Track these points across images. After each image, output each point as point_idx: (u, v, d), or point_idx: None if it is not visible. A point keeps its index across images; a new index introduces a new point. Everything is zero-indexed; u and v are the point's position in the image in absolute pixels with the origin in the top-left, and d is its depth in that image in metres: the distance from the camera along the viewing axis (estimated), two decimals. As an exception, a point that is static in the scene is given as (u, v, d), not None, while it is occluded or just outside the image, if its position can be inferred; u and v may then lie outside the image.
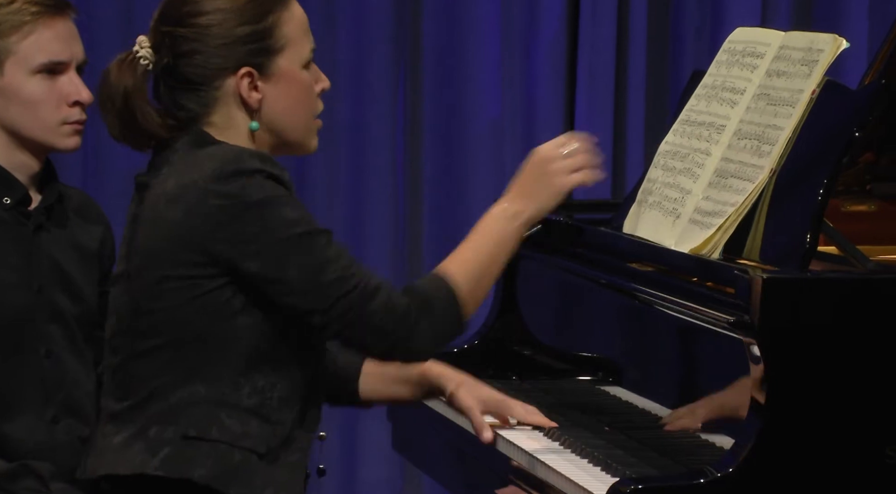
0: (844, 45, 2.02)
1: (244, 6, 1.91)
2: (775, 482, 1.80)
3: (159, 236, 1.89)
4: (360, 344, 1.89)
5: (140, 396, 1.91)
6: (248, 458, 1.88)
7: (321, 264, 1.85)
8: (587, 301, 2.27)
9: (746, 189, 2.01)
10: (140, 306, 1.91)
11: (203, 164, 1.88)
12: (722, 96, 2.15)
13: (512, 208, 1.97)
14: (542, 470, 1.98)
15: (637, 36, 3.32)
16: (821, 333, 1.82)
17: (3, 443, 2.13)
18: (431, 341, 1.89)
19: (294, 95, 1.94)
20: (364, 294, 1.85)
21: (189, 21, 1.91)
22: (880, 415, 1.81)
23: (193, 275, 1.87)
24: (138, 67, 1.93)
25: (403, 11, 3.31)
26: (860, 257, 1.98)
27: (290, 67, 1.94)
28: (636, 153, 3.35)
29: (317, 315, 1.86)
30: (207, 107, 1.93)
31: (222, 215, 1.86)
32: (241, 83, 1.92)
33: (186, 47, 1.91)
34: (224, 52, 1.91)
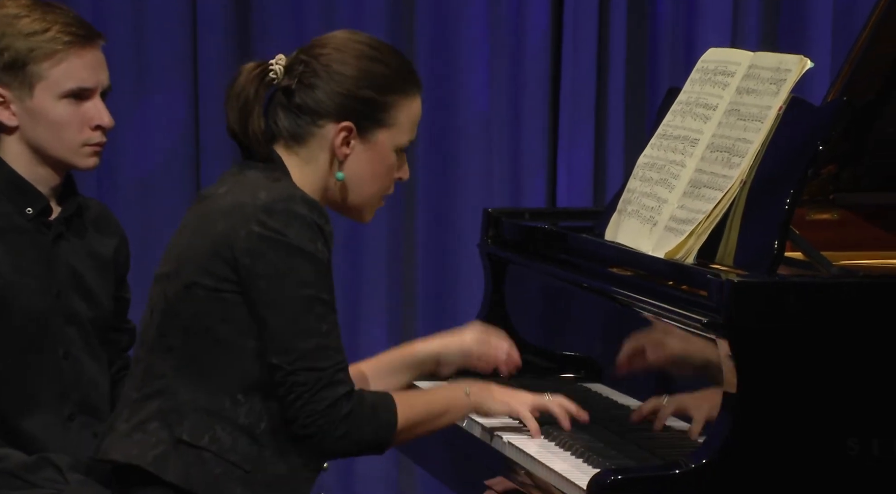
0: (809, 65, 2.03)
1: (376, 75, 1.95)
2: (746, 472, 1.81)
3: (200, 244, 1.91)
4: (292, 415, 1.87)
5: (152, 389, 1.93)
6: (230, 471, 1.88)
7: (307, 331, 1.86)
8: (570, 304, 2.28)
9: (718, 198, 2.02)
10: (168, 307, 1.92)
11: (259, 192, 1.90)
12: (696, 112, 2.16)
13: (478, 399, 2.00)
14: (527, 462, 1.99)
15: (616, 55, 3.33)
16: (788, 333, 1.82)
17: (23, 438, 2.13)
18: (342, 451, 1.90)
19: (376, 167, 1.97)
20: (325, 380, 1.86)
21: (326, 61, 1.94)
22: (843, 410, 1.82)
23: (219, 288, 1.88)
24: (266, 78, 1.95)
25: (397, 13, 3.31)
26: (824, 262, 1.99)
27: (385, 144, 1.96)
28: (616, 165, 3.36)
29: (279, 372, 1.87)
30: (300, 137, 1.96)
31: (258, 242, 1.87)
32: (339, 134, 1.95)
33: (312, 80, 1.94)
34: (339, 101, 1.94)
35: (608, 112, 3.36)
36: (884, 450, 1.81)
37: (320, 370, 1.86)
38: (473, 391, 2.00)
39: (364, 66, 1.94)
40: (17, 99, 2.15)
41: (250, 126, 1.94)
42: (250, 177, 1.94)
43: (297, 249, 1.86)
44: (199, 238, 1.92)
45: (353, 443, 1.89)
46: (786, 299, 1.83)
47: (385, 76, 1.95)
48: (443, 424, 1.98)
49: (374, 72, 1.94)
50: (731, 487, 1.80)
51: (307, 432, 1.87)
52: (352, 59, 1.94)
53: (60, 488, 2.10)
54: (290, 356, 1.86)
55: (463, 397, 1.99)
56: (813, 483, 1.81)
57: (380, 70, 1.95)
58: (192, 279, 1.90)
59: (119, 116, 2.30)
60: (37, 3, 2.16)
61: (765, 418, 1.81)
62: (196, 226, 1.94)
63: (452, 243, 3.39)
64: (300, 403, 1.87)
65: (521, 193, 3.39)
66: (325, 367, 1.86)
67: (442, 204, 3.39)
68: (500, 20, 3.30)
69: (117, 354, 2.29)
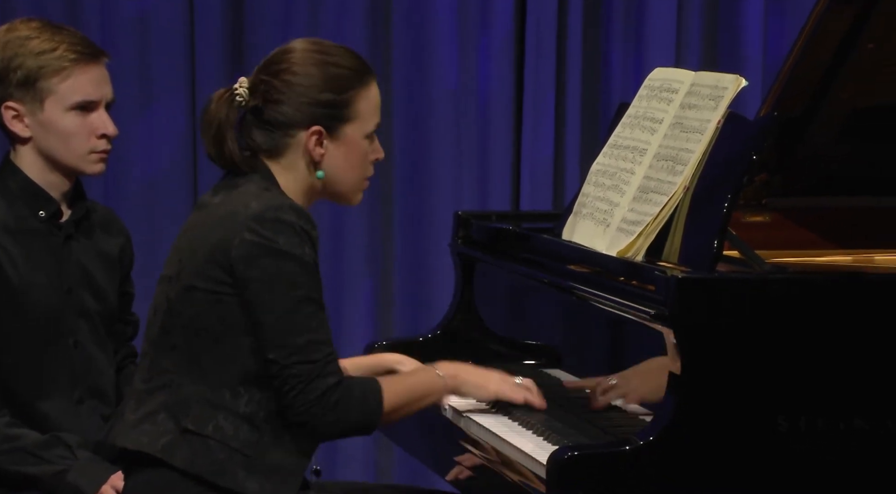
0: (744, 83, 2.04)
1: (331, 77, 1.94)
2: (688, 447, 1.82)
3: (198, 250, 1.91)
4: (288, 404, 1.88)
5: (158, 382, 1.93)
6: (233, 456, 1.88)
7: (299, 327, 1.86)
8: (532, 297, 2.28)
9: (664, 202, 2.03)
10: (170, 307, 1.92)
11: (251, 202, 1.90)
12: (643, 125, 2.17)
13: (453, 382, 2.00)
14: (493, 440, 2.00)
15: (573, 75, 3.36)
16: (726, 323, 1.83)
17: (38, 419, 2.13)
18: (334, 433, 1.91)
19: (351, 159, 1.96)
20: (316, 371, 1.86)
21: (284, 77, 1.94)
22: (773, 391, 1.83)
23: (217, 291, 1.89)
24: (234, 102, 1.95)
25: (377, 15, 3.32)
26: (758, 260, 2.00)
27: (354, 136, 1.96)
28: (573, 172, 3.37)
29: (274, 366, 1.87)
30: (278, 149, 1.95)
31: (250, 248, 1.87)
32: (311, 138, 1.94)
33: (276, 96, 1.94)
34: (304, 110, 1.93)
35: (566, 125, 3.38)
36: (809, 426, 1.83)
37: (312, 362, 1.86)
38: (448, 374, 2.00)
39: (319, 72, 1.93)
40: (29, 112, 2.15)
41: (225, 149, 1.94)
42: (242, 187, 1.94)
43: (286, 254, 1.87)
44: (197, 245, 1.92)
45: (344, 427, 1.89)
46: (724, 293, 1.84)
47: (340, 76, 1.94)
48: (423, 406, 1.99)
49: (330, 74, 1.94)
50: (675, 460, 1.81)
51: (302, 418, 1.88)
52: (307, 69, 1.93)
53: (70, 464, 2.10)
54: (285, 351, 1.86)
55: (439, 382, 1.99)
56: (747, 455, 1.82)
57: (334, 72, 1.94)
58: (191, 283, 1.90)
59: (123, 126, 2.30)
60: (46, 25, 2.16)
61: (705, 399, 1.82)
62: (194, 233, 1.94)
63: (426, 243, 3.39)
64: (294, 393, 1.87)
65: (488, 197, 3.40)
66: (316, 359, 1.86)
67: (416, 208, 3.39)
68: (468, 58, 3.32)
69: (122, 343, 2.29)
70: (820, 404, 1.83)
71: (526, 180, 3.39)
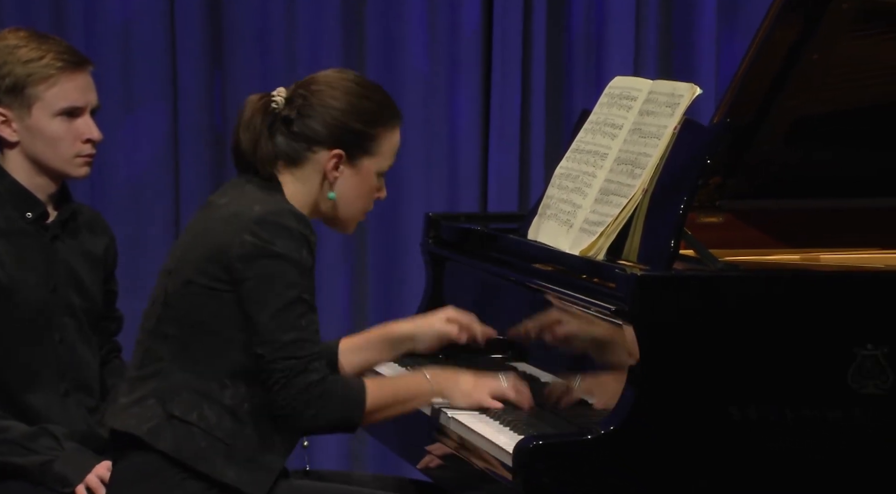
0: (699, 91, 2.06)
1: (364, 109, 1.97)
2: (647, 435, 1.83)
3: (200, 247, 1.92)
4: (272, 397, 1.89)
5: (150, 370, 1.94)
6: (214, 445, 1.89)
7: (287, 325, 1.87)
8: (499, 294, 2.29)
9: (623, 204, 2.04)
10: (168, 300, 1.93)
11: (255, 205, 1.91)
12: (604, 130, 2.18)
13: (438, 386, 2.00)
14: (462, 430, 2.00)
15: (537, 84, 3.38)
16: (682, 318, 1.85)
17: (26, 412, 2.13)
18: (314, 428, 1.91)
19: (361, 189, 1.99)
20: (300, 367, 1.87)
21: (322, 97, 1.96)
22: (726, 382, 1.84)
23: (213, 287, 1.90)
24: (269, 108, 1.96)
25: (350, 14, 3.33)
26: (712, 258, 2.01)
27: (370, 169, 1.98)
28: (538, 175, 3.39)
29: (262, 360, 1.88)
30: (296, 160, 1.97)
31: (251, 249, 1.88)
32: (331, 160, 1.96)
33: (309, 112, 1.95)
34: (332, 131, 1.96)
35: (531, 131, 3.40)
36: (760, 415, 1.84)
37: (297, 358, 1.87)
38: (435, 380, 2.00)
39: (354, 101, 1.97)
40: (17, 118, 2.14)
41: (259, 150, 1.96)
42: (248, 191, 1.95)
43: (283, 256, 1.88)
44: (199, 242, 1.93)
45: (325, 422, 1.90)
46: (681, 290, 1.86)
47: (372, 111, 1.97)
48: (408, 409, 1.99)
49: (363, 106, 1.97)
50: (634, 448, 1.83)
51: (284, 412, 1.89)
52: (343, 95, 1.96)
53: (57, 454, 2.10)
54: (272, 346, 1.88)
55: (426, 387, 1.99)
56: (701, 443, 1.83)
57: (367, 105, 1.97)
58: (189, 278, 1.91)
59: (107, 131, 2.29)
60: (33, 34, 2.16)
61: (663, 390, 1.83)
62: (198, 231, 1.95)
63: (398, 243, 3.40)
64: (278, 387, 1.88)
65: (457, 199, 3.41)
66: (301, 356, 1.87)
67: (389, 210, 3.40)
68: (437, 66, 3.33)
69: (106, 339, 2.28)
70: (769, 394, 1.84)
71: (493, 183, 3.41)
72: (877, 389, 1.84)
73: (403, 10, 3.32)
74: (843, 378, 1.84)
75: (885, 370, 1.84)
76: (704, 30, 3.37)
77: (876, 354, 1.84)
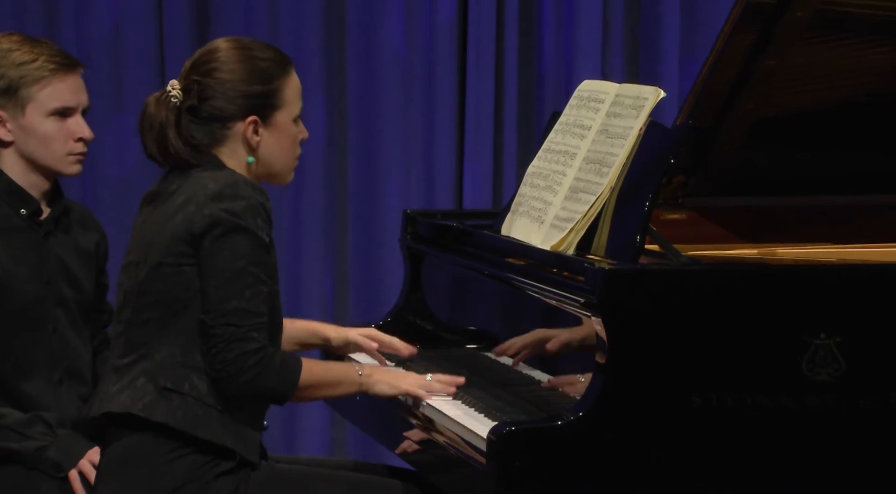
0: (663, 94, 2.07)
1: (257, 70, 1.95)
2: (613, 421, 1.84)
3: (163, 233, 1.92)
4: (211, 360, 1.89)
5: (135, 356, 1.94)
6: (209, 412, 1.90)
7: (231, 295, 1.88)
8: (474, 287, 2.30)
9: (592, 201, 2.05)
10: (141, 288, 1.93)
11: (209, 184, 1.91)
12: (574, 131, 2.19)
13: (367, 380, 2.00)
14: (438, 416, 2.01)
15: (510, 87, 3.39)
16: (647, 310, 1.86)
17: (21, 399, 2.13)
18: (247, 393, 1.90)
19: (284, 142, 1.98)
20: (238, 335, 1.87)
21: (215, 75, 1.94)
22: (688, 371, 1.86)
23: (180, 263, 1.90)
24: (170, 103, 1.94)
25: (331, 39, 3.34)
26: (675, 253, 2.03)
27: (284, 121, 1.98)
28: (511, 174, 3.40)
29: (205, 326, 1.89)
30: (218, 141, 1.96)
31: (210, 221, 1.89)
32: (248, 128, 1.95)
33: (209, 94, 1.94)
34: (238, 102, 1.95)
35: (504, 132, 3.42)
36: (720, 402, 1.86)
37: (236, 326, 1.87)
38: (365, 373, 2.01)
39: (246, 67, 1.95)
40: (11, 118, 2.14)
41: (169, 147, 1.95)
42: (197, 174, 1.94)
43: (240, 227, 1.88)
44: (160, 229, 1.93)
45: (257, 389, 1.90)
46: (646, 282, 1.87)
47: (265, 68, 1.96)
48: (335, 394, 2.00)
49: (255, 68, 1.95)
50: (601, 432, 1.84)
51: (219, 375, 1.89)
52: (235, 65, 1.95)
53: (50, 440, 2.10)
54: (213, 313, 1.88)
55: (355, 376, 2.00)
56: (665, 428, 1.85)
57: (259, 65, 1.95)
58: (158, 260, 1.92)
59: (98, 131, 2.29)
60: (26, 39, 2.16)
61: (628, 378, 1.85)
62: (156, 221, 1.95)
63: (378, 239, 3.41)
64: (215, 351, 1.89)
65: (434, 197, 3.42)
66: (240, 325, 1.87)
67: (369, 207, 3.41)
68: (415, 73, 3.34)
69: (98, 330, 2.28)
70: (728, 381, 1.86)
71: (468, 182, 3.43)
72: (829, 376, 1.87)
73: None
74: (798, 367, 1.86)
75: (837, 358, 1.86)
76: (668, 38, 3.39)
77: (828, 343, 1.86)
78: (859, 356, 1.86)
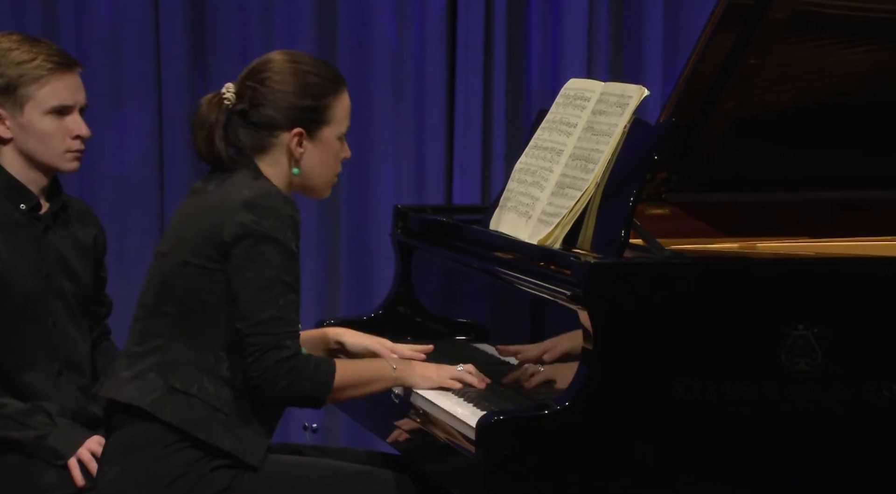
0: (646, 92, 2.07)
1: (311, 85, 1.97)
2: (598, 411, 1.85)
3: (194, 232, 1.93)
4: (247, 368, 1.90)
5: (150, 346, 1.94)
6: (215, 415, 1.91)
7: (265, 303, 1.89)
8: (463, 280, 2.30)
9: (578, 197, 2.05)
10: (165, 281, 1.94)
11: (243, 190, 1.93)
12: (560, 128, 2.19)
13: (400, 373, 2.01)
14: (428, 406, 2.02)
15: (498, 85, 3.40)
16: (631, 302, 1.86)
17: (21, 390, 2.13)
18: (283, 400, 1.92)
19: (326, 157, 2.00)
20: (273, 343, 1.88)
21: (269, 84, 1.96)
22: (671, 362, 1.86)
23: (207, 266, 1.91)
24: (222, 105, 1.96)
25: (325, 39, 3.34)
26: (659, 247, 2.03)
27: (330, 137, 1.99)
28: (499, 170, 3.41)
29: (240, 334, 1.90)
30: (262, 148, 1.98)
31: (240, 230, 1.90)
32: (293, 139, 1.97)
33: (261, 101, 1.96)
34: (287, 114, 1.96)
35: (492, 129, 3.43)
36: (702, 392, 1.87)
37: (271, 335, 1.88)
38: (399, 367, 2.02)
39: (300, 80, 1.97)
40: (11, 116, 2.14)
41: (215, 147, 1.96)
42: (235, 178, 1.96)
43: (270, 237, 1.90)
44: (192, 226, 1.95)
45: (294, 395, 1.91)
46: (631, 276, 1.87)
47: (318, 85, 1.98)
48: (371, 391, 2.01)
49: (309, 83, 1.97)
50: (587, 422, 1.85)
51: (256, 383, 1.91)
52: (289, 78, 1.96)
53: (50, 429, 2.10)
54: (249, 322, 1.89)
55: (390, 371, 2.01)
56: (649, 417, 1.86)
57: (313, 80, 1.97)
58: (185, 259, 1.92)
59: (96, 128, 2.30)
60: (25, 38, 2.16)
61: (613, 369, 1.85)
62: (190, 216, 1.96)
63: (369, 234, 3.42)
64: (251, 359, 1.90)
65: (424, 192, 3.43)
66: (275, 333, 1.89)
67: (361, 202, 3.42)
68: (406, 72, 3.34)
69: (97, 322, 2.29)
70: (710, 371, 1.87)
71: (458, 178, 3.44)
72: (807, 366, 1.88)
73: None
74: (777, 356, 1.87)
75: (815, 348, 1.88)
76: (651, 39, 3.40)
77: (806, 334, 1.88)
78: (835, 346, 1.88)
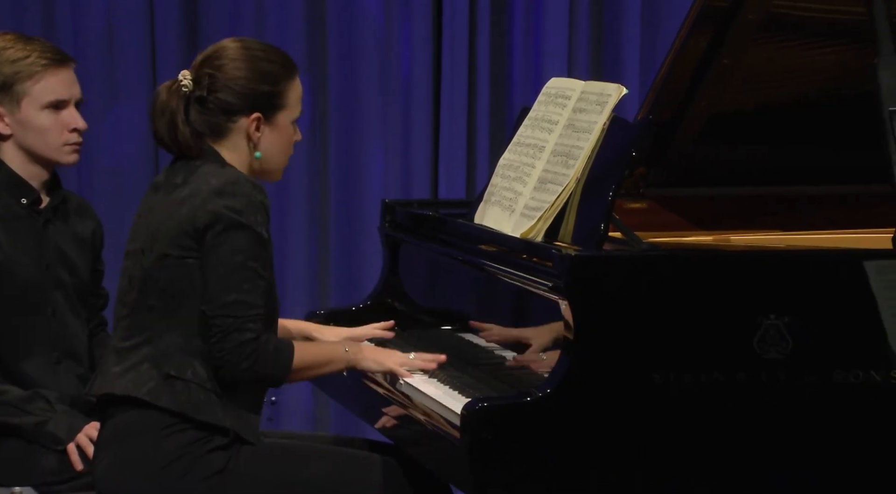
0: (625, 91, 2.08)
1: (267, 71, 1.97)
2: (579, 398, 1.86)
3: (169, 225, 1.93)
4: (211, 349, 1.91)
5: (139, 339, 1.95)
6: (210, 397, 1.91)
7: (230, 287, 1.89)
8: (449, 272, 2.31)
9: (559, 192, 2.06)
10: (147, 275, 1.94)
11: (212, 180, 1.93)
12: (542, 126, 2.20)
13: (354, 357, 2.03)
14: (414, 393, 2.03)
15: (482, 84, 3.41)
16: (610, 293, 1.87)
17: (22, 378, 2.14)
18: (246, 379, 1.92)
19: (282, 140, 2.00)
20: (236, 325, 1.89)
21: (226, 70, 1.96)
22: (649, 351, 1.87)
23: (185, 256, 1.91)
24: (180, 92, 1.95)
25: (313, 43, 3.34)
26: (637, 240, 2.05)
27: (285, 122, 2.00)
28: (483, 166, 3.42)
29: (205, 316, 1.91)
30: (220, 133, 1.98)
31: (212, 217, 1.90)
32: (252, 124, 1.97)
33: (219, 86, 1.95)
34: (246, 99, 1.96)
35: (477, 126, 3.44)
36: (678, 380, 1.87)
37: (234, 317, 1.89)
38: (352, 350, 2.04)
39: (256, 66, 1.97)
40: (8, 113, 2.15)
41: (178, 133, 1.96)
42: (202, 169, 1.96)
43: (239, 223, 1.90)
44: (165, 219, 1.94)
45: (255, 375, 1.92)
46: (610, 268, 1.88)
47: (274, 71, 1.98)
48: (325, 372, 2.03)
49: (265, 69, 1.97)
50: (568, 408, 1.86)
51: (219, 363, 1.92)
52: (245, 64, 1.96)
53: (49, 416, 2.11)
54: (213, 304, 1.90)
55: (343, 353, 2.03)
56: (627, 404, 1.86)
57: (269, 67, 1.98)
58: (164, 252, 1.93)
59: (93, 122, 2.30)
60: (20, 37, 2.17)
61: (593, 358, 1.86)
62: (162, 211, 1.96)
63: (358, 227, 3.43)
64: (214, 340, 1.91)
65: (411, 187, 3.44)
66: (238, 315, 1.89)
67: (349, 197, 3.42)
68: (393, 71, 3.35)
69: (94, 313, 2.29)
70: (686, 360, 1.88)
71: (443, 173, 3.45)
72: (778, 354, 1.90)
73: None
74: (750, 345, 1.89)
75: (786, 337, 1.90)
76: (630, 39, 3.42)
77: (778, 323, 1.89)
78: (805, 335, 1.89)
